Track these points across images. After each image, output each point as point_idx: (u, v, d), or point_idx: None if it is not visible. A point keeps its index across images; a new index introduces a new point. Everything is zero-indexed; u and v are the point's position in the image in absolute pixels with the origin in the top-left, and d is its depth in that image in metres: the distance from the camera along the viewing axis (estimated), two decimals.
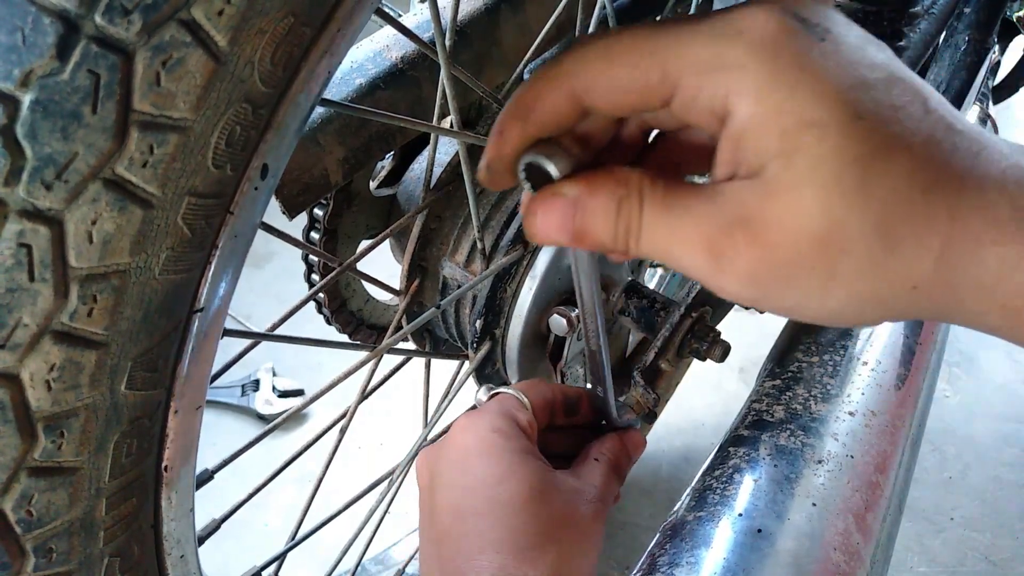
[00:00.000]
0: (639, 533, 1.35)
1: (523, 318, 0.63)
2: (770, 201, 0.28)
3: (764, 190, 0.28)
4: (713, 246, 0.29)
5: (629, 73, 0.30)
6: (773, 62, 0.28)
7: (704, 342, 0.69)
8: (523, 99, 0.33)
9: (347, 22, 0.35)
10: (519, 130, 0.33)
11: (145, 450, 0.39)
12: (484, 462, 0.44)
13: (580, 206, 0.32)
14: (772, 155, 0.28)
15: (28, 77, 0.27)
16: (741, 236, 0.29)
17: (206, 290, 0.37)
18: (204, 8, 0.29)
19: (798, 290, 0.29)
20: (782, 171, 0.28)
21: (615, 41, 0.30)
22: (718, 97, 0.29)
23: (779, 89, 0.28)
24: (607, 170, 0.32)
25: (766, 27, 0.28)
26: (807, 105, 0.28)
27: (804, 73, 0.28)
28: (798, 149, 0.28)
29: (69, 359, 0.32)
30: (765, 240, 0.28)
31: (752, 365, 1.67)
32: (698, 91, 0.29)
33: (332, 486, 0.77)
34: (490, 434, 0.46)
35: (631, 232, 0.31)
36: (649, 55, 0.30)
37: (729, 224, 0.29)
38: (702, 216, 0.30)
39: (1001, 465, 1.48)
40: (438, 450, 0.47)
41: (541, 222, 0.33)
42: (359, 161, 0.65)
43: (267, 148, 0.36)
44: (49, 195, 0.29)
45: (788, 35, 0.28)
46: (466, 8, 0.70)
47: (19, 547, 0.36)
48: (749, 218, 0.29)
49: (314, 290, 0.68)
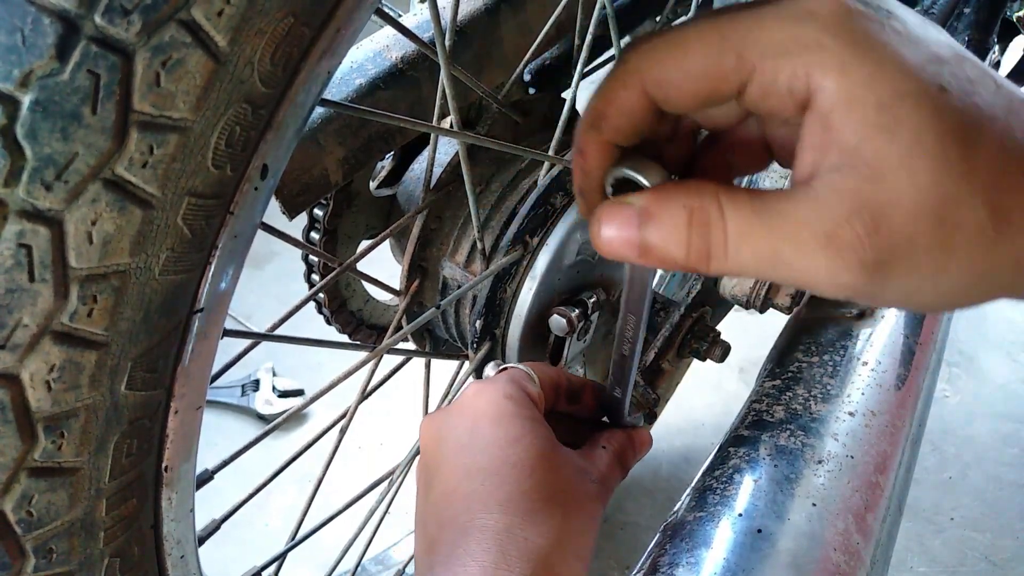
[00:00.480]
0: (639, 533, 1.35)
1: (523, 318, 0.63)
2: (882, 182, 0.27)
3: (871, 173, 0.27)
4: (831, 241, 0.28)
5: (703, 60, 0.29)
6: (851, 39, 0.27)
7: (704, 342, 0.69)
8: (594, 107, 0.32)
9: (347, 23, 0.35)
10: (597, 142, 0.32)
11: (145, 450, 0.39)
12: (496, 424, 0.45)
13: (647, 217, 0.31)
14: (872, 130, 0.27)
15: (28, 77, 0.27)
16: (860, 224, 0.27)
17: (206, 290, 0.37)
18: (204, 9, 0.29)
19: (917, 274, 0.28)
20: (886, 146, 0.27)
21: (683, 31, 0.30)
22: (799, 77, 0.28)
23: (865, 64, 0.27)
24: (677, 181, 0.31)
25: (836, 7, 0.28)
26: (897, 78, 0.27)
27: (885, 48, 0.27)
28: (899, 121, 0.27)
29: (69, 359, 0.32)
30: (886, 224, 0.27)
31: (752, 365, 1.67)
32: (776, 73, 0.28)
33: (332, 486, 0.77)
34: (502, 399, 0.46)
35: (715, 246, 0.30)
36: (721, 40, 0.29)
37: (845, 215, 0.27)
38: (810, 213, 0.28)
39: (1001, 465, 1.48)
40: (446, 415, 0.47)
41: (605, 233, 0.32)
42: (359, 161, 0.65)
43: (267, 148, 0.36)
44: (49, 195, 0.29)
45: (857, 14, 0.28)
46: (466, 8, 0.70)
47: (19, 547, 0.36)
48: (864, 204, 0.27)
49: (314, 290, 0.68)
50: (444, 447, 0.45)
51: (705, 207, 0.30)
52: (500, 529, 0.40)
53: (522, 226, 0.61)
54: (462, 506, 0.42)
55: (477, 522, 0.41)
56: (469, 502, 0.42)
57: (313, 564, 1.11)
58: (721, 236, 0.30)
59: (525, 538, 0.40)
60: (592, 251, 0.65)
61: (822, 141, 0.28)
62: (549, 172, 0.63)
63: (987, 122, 0.27)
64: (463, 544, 0.40)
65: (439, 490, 0.44)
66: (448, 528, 0.42)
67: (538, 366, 0.51)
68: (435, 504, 0.44)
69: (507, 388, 0.47)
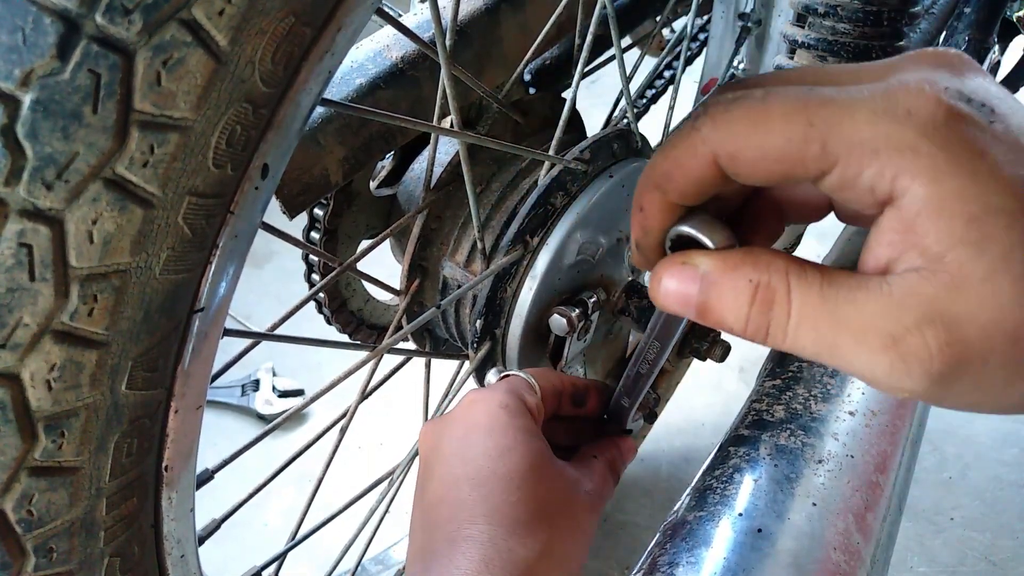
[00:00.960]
0: (639, 533, 1.35)
1: (523, 318, 0.63)
2: (962, 294, 0.27)
3: (952, 282, 0.27)
4: (897, 344, 0.27)
5: (784, 144, 0.28)
6: (948, 146, 0.26)
7: (704, 342, 0.69)
8: (660, 168, 0.31)
9: (347, 22, 0.35)
10: (660, 202, 0.32)
11: (146, 450, 0.39)
12: (488, 435, 0.45)
13: (709, 282, 0.30)
14: (958, 242, 0.26)
15: (29, 77, 0.27)
16: (931, 334, 0.27)
17: (206, 290, 0.37)
18: (205, 8, 0.29)
19: (983, 388, 0.28)
20: (972, 260, 0.26)
21: (766, 106, 0.28)
22: (885, 179, 0.27)
23: (959, 175, 0.26)
24: (746, 249, 0.30)
25: (937, 110, 0.27)
26: (990, 192, 0.26)
27: (982, 159, 0.26)
28: (989, 237, 0.26)
29: (70, 359, 0.32)
30: (959, 337, 0.27)
31: (752, 365, 1.67)
32: (861, 168, 0.27)
33: (332, 486, 0.77)
34: (497, 409, 0.46)
35: (775, 325, 0.29)
36: (808, 126, 0.28)
37: (916, 321, 0.27)
38: (878, 310, 0.27)
39: (1001, 465, 1.48)
40: (443, 422, 0.47)
41: (664, 289, 0.32)
42: (359, 161, 0.65)
43: (268, 148, 0.36)
44: (50, 195, 0.29)
45: (958, 119, 0.27)
46: (466, 8, 0.70)
47: (19, 547, 0.36)
48: (939, 313, 0.27)
49: (314, 290, 0.68)
50: (438, 454, 0.46)
51: (772, 286, 0.29)
52: (484, 540, 0.40)
53: (522, 226, 0.61)
54: (449, 514, 0.42)
55: (463, 532, 0.41)
56: (456, 511, 0.42)
57: (313, 564, 1.11)
58: (784, 317, 0.29)
59: (509, 549, 0.40)
60: (592, 251, 0.65)
61: (903, 240, 0.27)
62: (549, 172, 0.63)
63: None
64: (448, 553, 0.40)
65: (430, 497, 0.44)
66: (436, 535, 0.42)
67: (540, 373, 0.51)
68: (425, 511, 0.44)
69: (504, 398, 0.47)
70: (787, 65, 0.53)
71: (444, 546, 0.41)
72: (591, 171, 0.65)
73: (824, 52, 0.51)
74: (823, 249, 1.92)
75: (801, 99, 0.28)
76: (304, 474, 1.34)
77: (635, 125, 0.71)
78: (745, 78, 0.33)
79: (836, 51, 0.51)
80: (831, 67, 0.32)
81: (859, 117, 0.27)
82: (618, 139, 0.67)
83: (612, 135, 0.67)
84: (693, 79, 1.20)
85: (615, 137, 0.67)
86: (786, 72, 0.32)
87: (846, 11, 0.50)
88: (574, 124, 0.81)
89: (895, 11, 0.49)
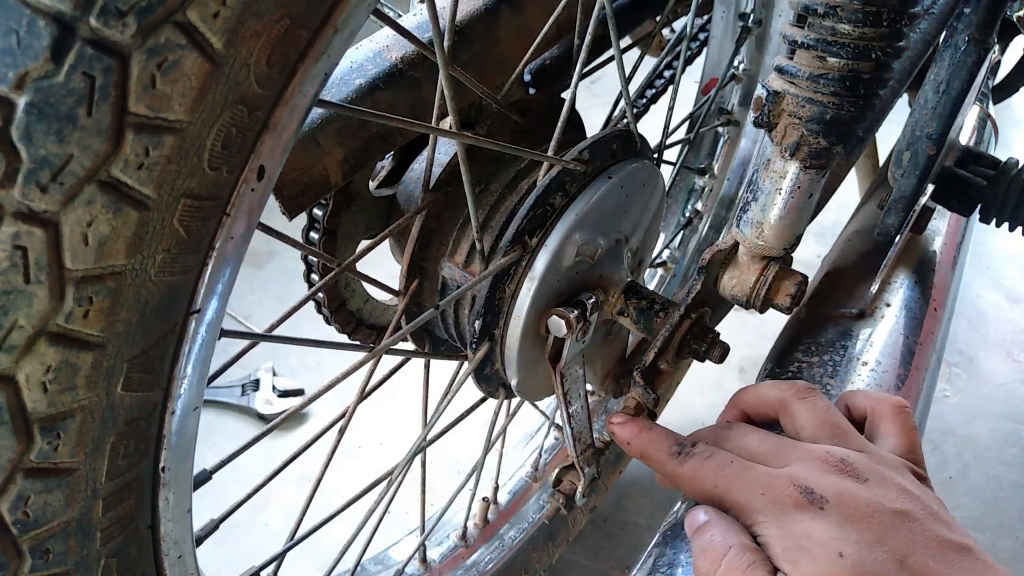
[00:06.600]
0: (639, 533, 1.36)
1: (522, 319, 0.63)
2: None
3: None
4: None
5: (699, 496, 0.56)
6: (779, 515, 0.48)
7: (703, 343, 0.69)
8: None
9: (344, 24, 0.35)
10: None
11: (142, 451, 0.40)
12: None
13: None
14: (782, 562, 0.46)
15: (23, 79, 0.27)
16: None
17: (203, 292, 0.37)
18: (199, 10, 0.29)
19: None
20: (794, 573, 0.46)
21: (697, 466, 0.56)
22: (747, 527, 0.50)
23: (780, 527, 0.48)
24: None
25: (782, 493, 0.49)
26: (801, 539, 0.47)
27: (800, 523, 0.47)
28: (798, 563, 0.46)
29: (65, 361, 0.33)
30: None
31: (752, 365, 1.67)
32: (736, 516, 0.52)
33: (332, 486, 0.77)
34: None
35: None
36: (713, 488, 0.54)
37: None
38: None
39: (1001, 465, 1.48)
40: None
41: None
42: (359, 161, 0.65)
43: (264, 150, 0.36)
44: (44, 197, 0.29)
45: (793, 502, 0.48)
46: (465, 8, 0.70)
47: (15, 548, 0.36)
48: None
49: (313, 290, 0.68)
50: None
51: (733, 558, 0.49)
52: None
53: (521, 227, 0.61)
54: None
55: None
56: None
57: (312, 564, 1.11)
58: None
59: None
60: (591, 252, 0.65)
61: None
62: (548, 173, 0.63)
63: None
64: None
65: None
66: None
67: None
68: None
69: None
70: (787, 65, 0.53)
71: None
72: (590, 172, 0.65)
73: (823, 52, 0.51)
74: (823, 249, 1.91)
75: (717, 468, 0.54)
76: (305, 475, 1.34)
77: (635, 126, 0.71)
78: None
79: (836, 51, 0.50)
80: (765, 444, 0.56)
81: (743, 487, 0.51)
82: (617, 139, 0.67)
83: (611, 135, 0.67)
84: (693, 79, 1.20)
85: (614, 137, 0.67)
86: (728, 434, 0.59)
87: (846, 11, 0.49)
88: (575, 125, 0.81)
89: (895, 11, 0.49)
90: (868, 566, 0.44)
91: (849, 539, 0.45)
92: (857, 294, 0.89)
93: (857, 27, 0.49)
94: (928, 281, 0.93)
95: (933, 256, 0.98)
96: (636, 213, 0.71)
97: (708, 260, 0.65)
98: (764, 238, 0.61)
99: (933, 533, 0.47)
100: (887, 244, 0.94)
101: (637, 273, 0.77)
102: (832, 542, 0.45)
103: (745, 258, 0.64)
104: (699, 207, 1.29)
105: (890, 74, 0.52)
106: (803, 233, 0.63)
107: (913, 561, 0.45)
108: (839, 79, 0.51)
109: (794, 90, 0.53)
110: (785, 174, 0.57)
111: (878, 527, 0.46)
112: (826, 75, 0.51)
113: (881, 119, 0.88)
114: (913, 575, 0.44)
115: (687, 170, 1.28)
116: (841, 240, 1.05)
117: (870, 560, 0.44)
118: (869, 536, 0.46)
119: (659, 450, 0.59)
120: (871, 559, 0.45)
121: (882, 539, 0.46)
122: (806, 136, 0.54)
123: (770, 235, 0.60)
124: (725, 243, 0.65)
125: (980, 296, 1.87)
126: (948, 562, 0.45)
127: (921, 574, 0.44)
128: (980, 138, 1.17)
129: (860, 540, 0.45)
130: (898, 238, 0.94)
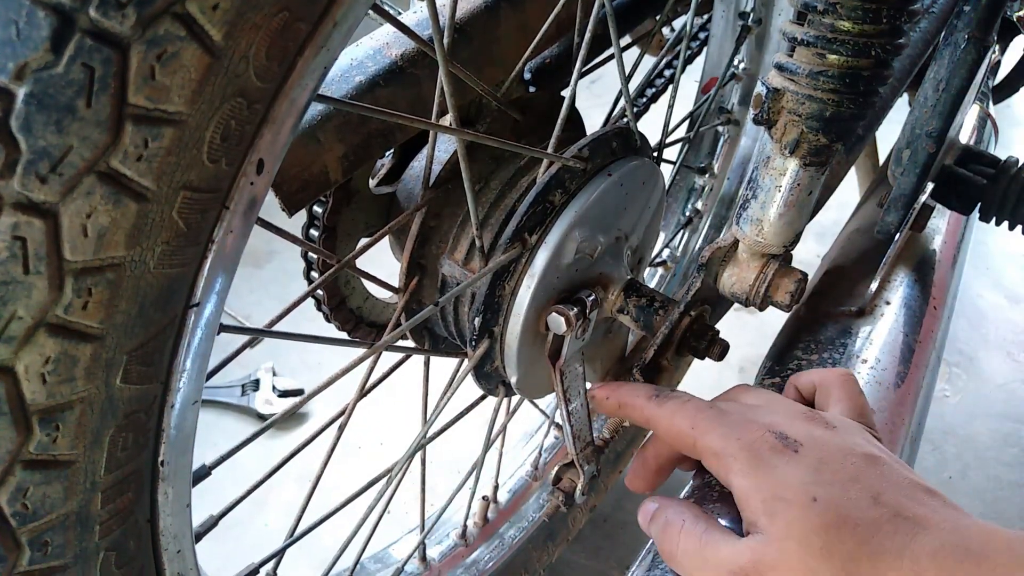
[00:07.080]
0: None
1: (521, 316, 0.63)
2: (770, 548, 0.46)
3: (764, 540, 0.46)
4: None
5: (678, 439, 0.57)
6: (752, 459, 0.49)
7: (703, 340, 0.69)
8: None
9: (343, 18, 0.35)
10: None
11: (141, 445, 0.40)
12: None
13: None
14: (760, 515, 0.47)
15: (22, 70, 0.27)
16: (754, 571, 0.46)
17: (202, 285, 0.37)
18: (199, 2, 0.29)
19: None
20: (770, 526, 0.46)
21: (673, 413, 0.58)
22: (722, 473, 0.51)
23: (756, 476, 0.48)
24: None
25: (755, 438, 0.50)
26: (776, 487, 0.47)
27: (774, 469, 0.48)
28: (775, 513, 0.46)
29: (64, 352, 0.33)
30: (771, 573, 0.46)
31: (751, 363, 1.67)
32: (708, 464, 0.53)
33: (331, 483, 0.77)
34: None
35: (674, 554, 0.53)
36: (691, 428, 0.54)
37: (752, 563, 0.46)
38: (728, 557, 0.47)
39: (1001, 465, 1.48)
40: None
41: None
42: (359, 158, 0.65)
43: (263, 143, 0.36)
44: (44, 188, 0.29)
45: (768, 447, 0.49)
46: (465, 6, 0.70)
47: (14, 540, 0.36)
48: (760, 560, 0.46)
49: (312, 287, 0.68)
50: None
51: (670, 519, 0.56)
52: None
53: (521, 224, 0.61)
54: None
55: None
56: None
57: (311, 562, 1.11)
58: (674, 545, 0.54)
59: None
60: (591, 249, 0.65)
61: (743, 512, 0.50)
62: (548, 170, 0.63)
63: (849, 527, 0.45)
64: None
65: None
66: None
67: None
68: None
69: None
70: (786, 62, 0.53)
71: None
72: (590, 169, 0.65)
73: (823, 49, 0.51)
74: (822, 249, 1.91)
75: (695, 411, 0.55)
76: (304, 473, 1.34)
77: (634, 124, 0.71)
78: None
79: (835, 49, 0.51)
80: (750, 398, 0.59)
81: (719, 431, 0.52)
82: (617, 137, 0.67)
83: (611, 133, 0.67)
84: (693, 78, 1.20)
85: (614, 135, 0.67)
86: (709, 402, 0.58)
87: (846, 8, 0.49)
88: (575, 123, 0.81)
89: (895, 8, 0.49)
90: (842, 505, 0.45)
91: (823, 481, 0.46)
92: (857, 292, 0.89)
93: (857, 24, 0.49)
94: (928, 279, 0.93)
95: (933, 254, 0.99)
96: (636, 211, 0.71)
97: (708, 257, 0.65)
98: (764, 235, 0.61)
99: (903, 475, 0.48)
100: (887, 242, 0.95)
101: (637, 271, 0.77)
102: (806, 487, 0.46)
103: (745, 255, 0.64)
104: (699, 206, 1.29)
105: (890, 72, 0.53)
106: (803, 231, 0.63)
107: (887, 498, 0.46)
108: (839, 76, 0.51)
109: (794, 87, 0.53)
110: (785, 171, 0.57)
111: (851, 467, 0.48)
112: (826, 72, 0.51)
113: (881, 117, 0.88)
114: (887, 509, 0.45)
115: (687, 169, 1.28)
116: (841, 238, 1.05)
117: (843, 498, 0.45)
118: (843, 475, 0.47)
119: (637, 395, 0.60)
120: (845, 497, 0.46)
121: (855, 478, 0.47)
122: (806, 133, 0.54)
123: (770, 232, 0.60)
124: (725, 241, 0.65)
125: (980, 296, 1.87)
126: (919, 501, 0.46)
127: (895, 509, 0.45)
128: (980, 137, 1.17)
129: (834, 480, 0.47)
130: (898, 236, 0.94)
